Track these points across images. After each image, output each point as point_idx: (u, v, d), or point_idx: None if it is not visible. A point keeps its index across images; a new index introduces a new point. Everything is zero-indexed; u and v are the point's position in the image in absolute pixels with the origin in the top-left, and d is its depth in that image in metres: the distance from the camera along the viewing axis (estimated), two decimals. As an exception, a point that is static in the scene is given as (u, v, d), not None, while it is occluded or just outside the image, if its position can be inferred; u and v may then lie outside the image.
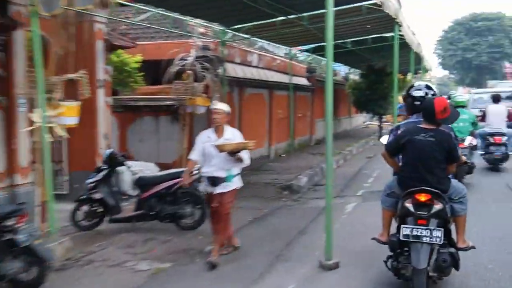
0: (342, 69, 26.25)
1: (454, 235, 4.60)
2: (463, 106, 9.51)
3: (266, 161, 13.76)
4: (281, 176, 11.28)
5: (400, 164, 4.69)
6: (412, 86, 5.00)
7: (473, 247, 4.60)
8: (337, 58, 21.16)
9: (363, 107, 21.47)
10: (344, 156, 15.13)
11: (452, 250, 4.34)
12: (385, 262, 4.60)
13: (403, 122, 5.04)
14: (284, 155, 15.19)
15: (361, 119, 29.62)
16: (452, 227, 4.59)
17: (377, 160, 14.52)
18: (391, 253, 4.53)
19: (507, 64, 60.98)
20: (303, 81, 18.33)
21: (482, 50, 65.46)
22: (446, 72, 78.90)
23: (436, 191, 4.24)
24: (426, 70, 25.91)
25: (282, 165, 13.15)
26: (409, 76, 21.85)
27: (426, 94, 4.77)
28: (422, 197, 4.22)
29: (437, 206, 4.20)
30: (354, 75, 24.95)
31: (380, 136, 25.48)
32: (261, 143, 13.80)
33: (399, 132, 4.72)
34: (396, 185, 4.62)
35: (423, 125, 4.42)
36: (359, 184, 10.86)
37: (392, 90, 19.59)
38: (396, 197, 4.60)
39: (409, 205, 4.28)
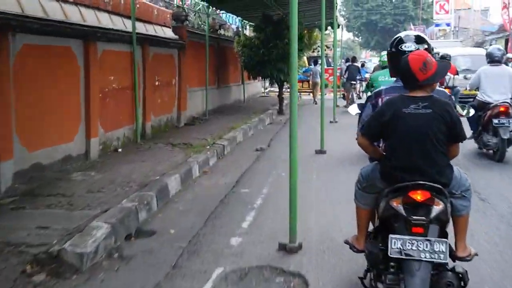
0: (234, 23, 20.37)
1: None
2: None
3: (75, 166, 7.65)
4: (69, 215, 5.30)
5: (382, 147, 3.40)
6: (398, 39, 3.58)
7: (476, 255, 3.35)
8: (226, 4, 15.37)
9: (256, 71, 15.71)
10: (217, 150, 9.31)
11: (460, 269, 3.00)
12: (362, 279, 3.41)
13: (385, 87, 3.49)
14: (121, 149, 9.10)
15: (259, 86, 23.94)
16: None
17: (272, 157, 9.03)
18: (369, 267, 3.35)
19: (411, 26, 58.34)
20: (166, 32, 12.16)
21: (387, 12, 62.87)
22: (351, 35, 75.97)
23: (437, 186, 2.97)
24: (338, 25, 20.68)
25: (98, 176, 7.08)
26: (316, 32, 16.53)
27: (417, 49, 3.36)
28: (419, 196, 2.95)
29: (438, 207, 2.98)
30: (250, 32, 19.19)
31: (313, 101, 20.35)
32: (65, 134, 7.63)
33: (382, 102, 3.36)
34: (377, 176, 3.27)
35: (411, 93, 3.10)
36: (218, 242, 4.97)
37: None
38: (377, 191, 3.29)
39: (398, 206, 3.01)
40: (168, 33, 12.30)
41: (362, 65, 29.41)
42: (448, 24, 44.75)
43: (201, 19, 16.02)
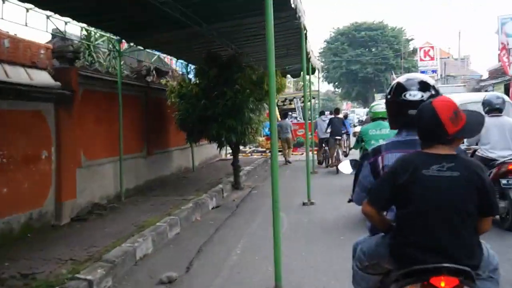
0: (180, 69, 15.82)
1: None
2: (383, 118, 7.11)
3: None
4: None
5: (392, 218, 2.64)
6: (397, 85, 2.82)
7: None
8: (148, 39, 10.78)
9: (195, 133, 10.94)
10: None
11: None
12: None
13: (385, 142, 2.86)
14: None
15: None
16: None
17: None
18: None
19: (393, 75, 55.06)
20: (34, 77, 7.45)
21: (367, 61, 59.92)
22: (331, 87, 72.84)
23: (466, 269, 2.31)
24: (313, 70, 16.38)
25: None
26: (280, 76, 12.12)
27: (422, 97, 2.71)
28: (443, 283, 2.26)
29: None
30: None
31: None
32: None
33: (382, 161, 2.75)
34: (384, 253, 2.58)
35: (432, 150, 2.45)
36: None
37: (248, 97, 9.79)
38: (383, 272, 2.72)
39: None
40: (39, 77, 7.58)
41: (345, 117, 25.83)
42: (434, 71, 41.12)
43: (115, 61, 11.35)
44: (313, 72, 17.31)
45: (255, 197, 10.70)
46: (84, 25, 9.06)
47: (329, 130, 15.32)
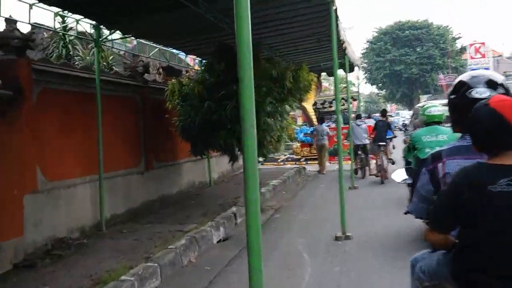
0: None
1: None
2: (439, 122, 6.24)
3: None
4: None
5: (455, 236, 2.28)
6: (461, 83, 2.49)
7: None
8: (138, 24, 8.47)
9: (200, 143, 8.59)
10: None
11: None
12: None
13: (446, 147, 2.55)
14: None
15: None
16: None
17: None
18: None
19: (440, 75, 51.41)
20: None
21: (412, 61, 56.33)
22: (374, 89, 69.54)
23: None
24: (351, 67, 13.97)
25: None
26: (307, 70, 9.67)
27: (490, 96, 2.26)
28: None
29: None
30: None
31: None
32: None
33: (443, 168, 2.43)
34: (447, 275, 2.29)
35: (496, 161, 2.10)
36: None
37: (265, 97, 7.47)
38: None
39: None
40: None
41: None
42: (486, 69, 37.45)
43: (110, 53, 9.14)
44: (351, 70, 14.77)
45: (276, 224, 8.27)
46: (56, 9, 6.91)
47: (364, 135, 13.48)
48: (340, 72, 14.81)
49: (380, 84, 63.15)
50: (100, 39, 7.56)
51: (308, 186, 12.51)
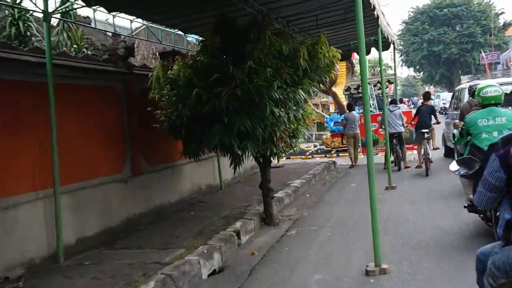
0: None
1: None
2: (496, 104, 5.56)
3: None
4: None
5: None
6: None
7: None
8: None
9: (192, 142, 6.65)
10: None
11: None
12: None
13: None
14: None
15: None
16: None
17: None
18: None
19: (483, 54, 47.78)
20: None
21: (451, 41, 52.84)
22: (411, 71, 66.19)
23: None
24: (387, 44, 11.91)
25: None
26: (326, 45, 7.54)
27: None
28: None
29: None
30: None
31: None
32: None
33: None
34: None
35: None
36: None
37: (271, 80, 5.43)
38: None
39: None
40: None
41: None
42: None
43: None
44: (386, 48, 12.56)
45: (290, 243, 6.29)
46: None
47: (398, 122, 11.82)
48: (373, 54, 12.63)
49: (418, 66, 59.86)
50: (51, 12, 5.68)
51: (337, 186, 10.46)
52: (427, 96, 12.20)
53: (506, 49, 50.75)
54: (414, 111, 13.46)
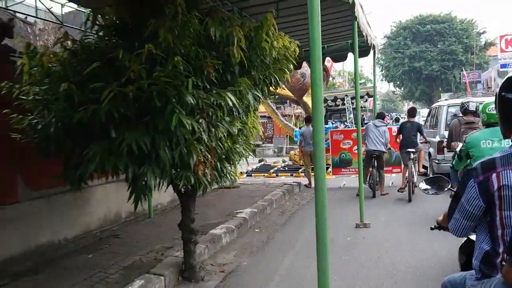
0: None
1: None
2: None
3: None
4: None
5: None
6: None
7: None
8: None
9: (65, 162, 4.45)
10: None
11: None
12: None
13: (500, 155, 2.10)
14: None
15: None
16: None
17: None
18: None
19: (464, 72, 46.45)
20: None
21: (433, 57, 51.69)
22: (392, 86, 64.84)
23: None
24: (366, 49, 9.95)
25: None
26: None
27: None
28: None
29: None
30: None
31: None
32: None
33: (498, 180, 2.04)
34: None
35: None
36: None
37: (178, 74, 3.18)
38: None
39: None
40: None
41: (397, 120, 21.89)
42: (520, 64, 32.72)
43: None
44: (365, 53, 10.62)
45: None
46: None
47: (381, 140, 10.01)
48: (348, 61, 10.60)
49: (398, 82, 58.46)
50: None
51: (297, 218, 8.34)
52: (412, 112, 10.54)
53: (486, 68, 49.73)
54: (394, 127, 11.56)
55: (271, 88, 5.34)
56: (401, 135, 9.93)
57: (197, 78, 4.10)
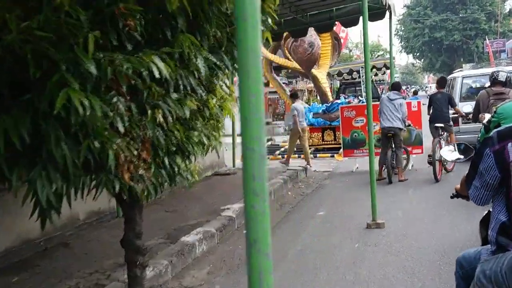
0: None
1: None
2: None
3: None
4: None
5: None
6: None
7: None
8: None
9: None
10: None
11: None
12: None
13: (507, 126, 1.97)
14: None
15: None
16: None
17: None
18: None
19: (487, 41, 43.88)
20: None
21: (454, 27, 49.11)
22: (411, 58, 62.40)
23: None
24: (381, 11, 8.17)
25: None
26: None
27: None
28: None
29: None
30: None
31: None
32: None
33: (509, 149, 1.97)
34: None
35: None
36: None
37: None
38: None
39: None
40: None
41: (415, 93, 20.65)
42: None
43: None
44: (379, 16, 8.99)
45: None
46: None
47: (397, 115, 8.59)
48: (371, 38, 8.95)
49: (418, 53, 56.01)
50: None
51: (297, 214, 6.88)
52: (442, 82, 9.21)
53: (511, 37, 46.99)
54: (414, 101, 10.03)
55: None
56: (431, 108, 8.77)
57: (109, 35, 2.61)
